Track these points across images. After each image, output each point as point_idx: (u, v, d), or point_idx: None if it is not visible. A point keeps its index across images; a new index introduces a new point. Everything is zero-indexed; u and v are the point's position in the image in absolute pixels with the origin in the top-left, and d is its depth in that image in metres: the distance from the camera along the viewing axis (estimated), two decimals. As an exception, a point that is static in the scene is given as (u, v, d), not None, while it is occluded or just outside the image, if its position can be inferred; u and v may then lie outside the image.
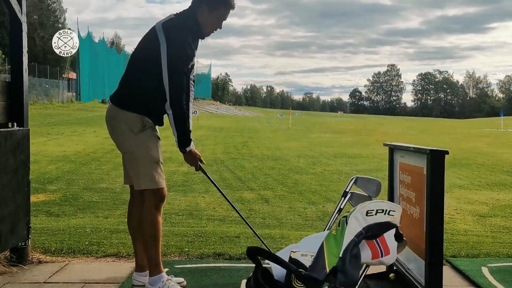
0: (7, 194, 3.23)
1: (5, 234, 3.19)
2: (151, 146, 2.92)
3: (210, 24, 2.98)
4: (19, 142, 3.36)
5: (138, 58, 2.97)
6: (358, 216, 1.29)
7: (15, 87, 3.44)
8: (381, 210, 1.30)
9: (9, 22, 3.47)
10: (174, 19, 2.92)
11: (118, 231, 4.98)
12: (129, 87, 2.96)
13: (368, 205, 1.31)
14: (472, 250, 4.35)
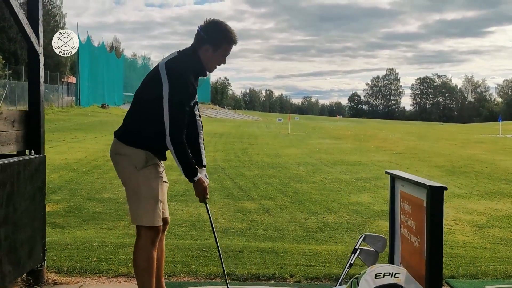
0: (25, 220, 3.34)
1: (23, 258, 3.30)
2: (153, 183, 2.97)
3: (214, 62, 3.04)
4: (36, 169, 3.47)
5: (142, 95, 3.04)
6: (368, 278, 1.42)
7: (33, 116, 3.56)
8: (388, 273, 1.42)
9: (27, 53, 3.57)
10: (177, 58, 2.97)
11: (124, 245, 5.06)
12: (133, 123, 3.02)
13: (377, 269, 1.43)
14: (471, 266, 4.43)
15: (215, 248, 4.98)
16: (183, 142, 2.89)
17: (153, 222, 2.94)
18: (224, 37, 2.99)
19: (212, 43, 2.96)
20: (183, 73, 2.89)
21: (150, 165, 2.97)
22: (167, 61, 2.96)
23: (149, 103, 2.95)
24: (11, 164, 3.13)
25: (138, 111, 3.04)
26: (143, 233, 2.96)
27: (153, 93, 2.90)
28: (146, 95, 3.00)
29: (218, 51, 3.00)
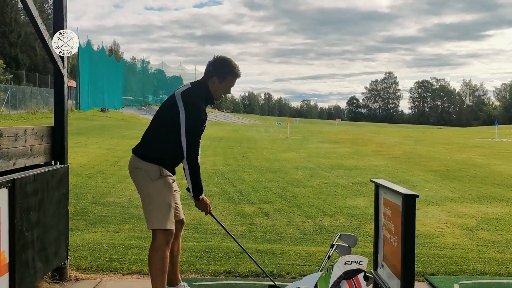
0: (53, 223, 3.80)
1: (51, 256, 3.75)
2: (165, 192, 3.41)
3: (221, 91, 3.54)
4: (61, 177, 3.93)
5: (160, 119, 3.51)
6: (339, 265, 1.84)
7: (58, 131, 4.03)
8: (355, 261, 1.84)
9: (53, 75, 4.01)
10: (190, 89, 3.46)
11: (132, 246, 5.41)
12: (151, 142, 3.49)
13: (346, 258, 1.85)
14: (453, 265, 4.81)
15: (217, 249, 5.36)
16: (197, 163, 3.39)
17: (166, 225, 3.38)
18: (229, 71, 3.50)
19: (218, 76, 3.46)
20: (196, 103, 3.37)
21: (163, 177, 3.41)
22: (182, 92, 3.44)
23: (166, 127, 3.43)
24: (42, 174, 3.58)
25: (155, 132, 3.51)
26: (158, 236, 3.39)
27: (170, 118, 3.38)
28: (163, 120, 3.49)
29: (224, 82, 3.50)
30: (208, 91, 3.50)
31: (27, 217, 3.28)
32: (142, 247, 5.37)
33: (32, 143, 3.68)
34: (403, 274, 2.88)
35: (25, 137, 3.57)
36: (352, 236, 2.01)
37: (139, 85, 65.41)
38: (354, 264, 1.90)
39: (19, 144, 3.48)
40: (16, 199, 3.09)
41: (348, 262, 1.90)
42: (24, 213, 3.23)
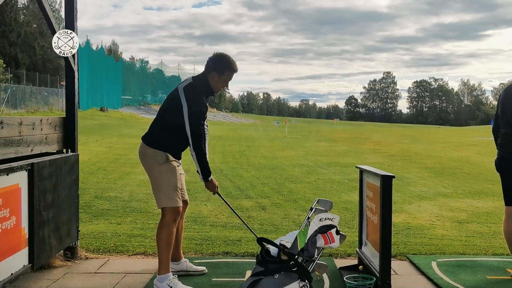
0: (65, 205, 4.14)
1: (64, 235, 4.10)
2: (171, 175, 3.77)
3: (220, 85, 3.88)
4: (72, 164, 4.28)
5: (166, 111, 3.86)
6: (315, 221, 2.16)
7: (69, 122, 4.38)
8: (328, 218, 2.17)
9: (65, 71, 4.35)
10: (192, 83, 3.80)
11: (134, 235, 5.70)
12: (157, 132, 3.86)
13: (321, 216, 2.18)
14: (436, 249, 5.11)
15: (216, 238, 5.64)
16: (202, 148, 3.73)
17: (173, 204, 3.73)
18: (227, 66, 3.82)
19: (218, 70, 3.80)
20: (197, 96, 3.72)
21: (168, 161, 3.77)
22: (184, 86, 3.79)
23: (170, 118, 3.79)
24: (56, 159, 3.93)
25: (161, 123, 3.88)
26: (167, 213, 3.74)
27: (174, 110, 3.73)
28: (168, 111, 3.84)
29: (222, 77, 3.83)
30: (208, 84, 3.84)
31: (43, 198, 3.60)
32: (145, 236, 5.65)
33: (47, 132, 4.01)
34: (381, 245, 3.23)
35: (41, 126, 3.90)
36: (328, 201, 2.33)
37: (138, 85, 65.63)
38: (327, 221, 2.22)
39: (36, 132, 3.81)
40: (35, 181, 3.42)
41: (322, 219, 2.22)
42: (41, 194, 3.55)
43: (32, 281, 3.87)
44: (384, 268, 3.27)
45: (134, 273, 4.15)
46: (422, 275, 4.15)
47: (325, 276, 3.97)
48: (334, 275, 4.01)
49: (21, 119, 3.66)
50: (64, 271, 4.17)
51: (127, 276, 4.06)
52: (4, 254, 3.14)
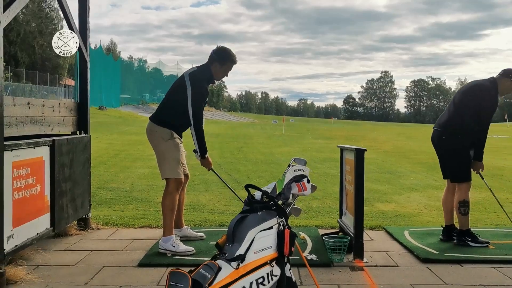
0: (79, 180, 4.67)
1: (78, 206, 4.63)
2: (174, 150, 4.29)
3: (221, 74, 4.40)
4: (85, 144, 4.82)
5: (172, 94, 4.38)
6: (290, 172, 2.65)
7: (83, 107, 4.91)
8: (301, 170, 2.66)
9: (78, 60, 4.84)
10: (196, 71, 4.32)
11: (137, 217, 6.14)
12: (163, 111, 4.37)
13: (294, 167, 2.68)
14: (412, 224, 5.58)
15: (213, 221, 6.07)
16: (201, 128, 4.26)
17: (176, 175, 4.24)
18: (228, 58, 4.35)
19: (219, 61, 4.33)
20: (200, 82, 4.24)
21: (173, 138, 4.29)
22: (190, 73, 4.31)
23: (176, 100, 4.29)
24: (72, 138, 4.48)
25: (168, 104, 4.39)
26: (170, 183, 4.25)
27: (180, 93, 4.23)
28: (174, 95, 4.35)
29: (223, 67, 4.36)
30: (211, 73, 4.37)
31: (62, 171, 4.10)
32: (147, 218, 6.10)
33: (64, 115, 4.52)
34: (355, 207, 3.77)
35: (59, 109, 4.40)
36: (302, 160, 2.79)
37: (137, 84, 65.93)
38: (300, 171, 2.67)
39: (55, 114, 4.31)
40: (55, 156, 3.93)
41: (296, 170, 2.69)
42: (60, 168, 4.06)
43: (52, 244, 4.40)
44: (357, 227, 3.79)
45: (141, 239, 4.67)
46: (394, 240, 4.69)
47: (309, 240, 4.53)
48: (316, 239, 4.57)
49: (43, 101, 4.17)
50: (79, 237, 4.70)
51: (134, 242, 4.58)
52: (32, 216, 3.65)
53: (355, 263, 3.93)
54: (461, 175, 4.55)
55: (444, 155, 4.71)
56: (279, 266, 2.42)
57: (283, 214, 2.51)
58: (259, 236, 2.41)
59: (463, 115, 4.51)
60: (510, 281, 3.61)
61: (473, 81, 4.80)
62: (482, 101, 4.45)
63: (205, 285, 2.27)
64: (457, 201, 4.53)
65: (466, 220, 4.52)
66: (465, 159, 4.53)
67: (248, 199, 2.59)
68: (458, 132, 4.49)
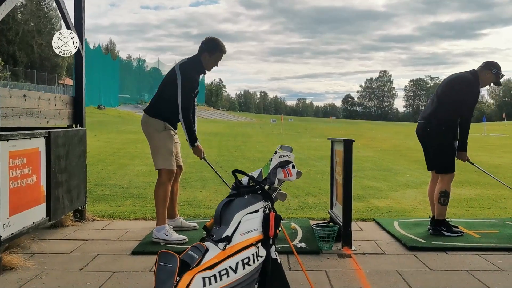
0: (75, 172, 4.77)
1: (74, 198, 4.74)
2: (168, 141, 4.38)
3: (210, 64, 4.48)
4: (81, 137, 4.93)
5: (164, 86, 4.47)
6: (276, 157, 2.75)
7: (78, 101, 5.00)
8: (286, 155, 2.75)
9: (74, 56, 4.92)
10: (187, 62, 4.41)
11: (134, 212, 6.24)
12: (157, 103, 4.45)
13: (280, 153, 2.77)
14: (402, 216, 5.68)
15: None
16: (189, 118, 4.33)
17: (168, 166, 4.34)
18: (217, 48, 4.43)
19: (209, 51, 4.41)
20: (190, 73, 4.32)
21: (166, 130, 4.38)
22: (180, 64, 4.41)
23: (168, 92, 4.37)
24: (68, 131, 4.57)
25: (161, 96, 4.47)
26: (163, 174, 4.35)
27: (171, 85, 4.32)
28: (166, 86, 4.43)
29: (212, 57, 4.44)
30: (201, 63, 4.46)
31: (58, 162, 4.20)
32: (144, 213, 6.20)
33: (60, 108, 4.61)
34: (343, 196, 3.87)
35: (55, 102, 4.50)
36: (288, 147, 2.88)
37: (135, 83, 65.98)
38: (285, 157, 2.77)
39: (51, 107, 4.41)
40: (51, 147, 4.03)
41: (281, 156, 2.77)
42: (56, 159, 4.15)
43: (48, 234, 4.50)
44: (346, 216, 3.90)
45: (135, 230, 4.77)
46: (384, 231, 4.80)
47: (299, 229, 4.64)
48: (307, 229, 4.69)
49: (39, 94, 4.27)
50: (75, 228, 4.80)
51: (129, 232, 4.69)
52: (28, 205, 3.74)
53: (343, 251, 4.03)
54: (446, 166, 4.67)
55: (428, 147, 4.82)
56: (264, 248, 2.52)
57: (269, 198, 2.61)
58: (245, 218, 2.51)
59: (446, 107, 4.62)
60: (492, 266, 3.71)
61: (455, 74, 4.90)
62: (464, 93, 4.56)
63: (192, 265, 2.36)
64: (439, 191, 4.65)
65: (444, 210, 4.65)
66: (449, 150, 4.64)
67: (235, 183, 2.68)
68: (442, 123, 4.60)
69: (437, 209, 4.65)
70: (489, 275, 3.51)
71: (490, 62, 4.73)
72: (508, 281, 3.39)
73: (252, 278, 2.47)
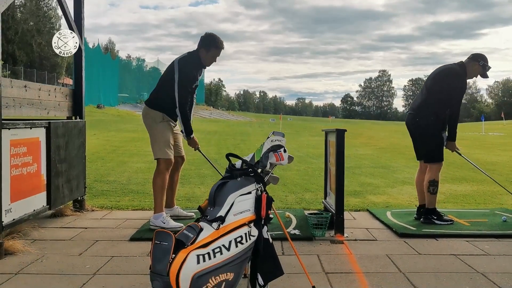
0: (75, 163, 4.88)
1: (74, 188, 4.85)
2: (166, 132, 4.49)
3: (208, 60, 4.58)
4: (80, 129, 5.04)
5: (163, 79, 4.60)
6: (268, 142, 2.84)
7: (78, 93, 5.11)
8: (278, 140, 2.84)
9: None
10: (186, 57, 4.53)
11: (133, 206, 6.34)
12: (156, 95, 4.59)
13: (272, 137, 2.86)
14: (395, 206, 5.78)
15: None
16: (185, 111, 4.45)
17: (166, 156, 4.45)
18: (213, 43, 4.54)
19: (205, 47, 4.53)
20: (187, 67, 4.45)
21: (165, 121, 4.49)
22: (179, 59, 4.52)
23: (166, 85, 4.49)
24: (67, 122, 4.68)
25: (160, 89, 4.60)
26: (161, 163, 4.46)
27: (169, 78, 4.45)
28: (165, 79, 4.56)
29: (209, 53, 4.55)
30: (199, 58, 4.57)
31: (58, 152, 4.31)
32: (142, 207, 6.29)
33: (60, 100, 4.72)
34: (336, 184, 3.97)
35: (55, 93, 4.60)
36: (281, 133, 2.97)
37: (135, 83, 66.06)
38: (277, 141, 2.86)
39: (51, 98, 4.51)
40: (51, 137, 4.13)
41: (273, 140, 2.87)
42: (56, 149, 4.26)
43: (48, 223, 4.61)
44: (338, 203, 4.01)
45: (134, 219, 4.89)
46: (376, 220, 4.91)
47: (294, 218, 4.76)
48: (301, 218, 4.81)
49: (39, 86, 4.37)
50: (74, 218, 4.92)
51: (128, 220, 4.80)
52: (29, 193, 3.86)
53: (335, 238, 4.14)
54: (434, 155, 4.78)
55: (417, 137, 4.93)
56: (256, 228, 2.62)
57: (261, 180, 2.71)
58: (238, 200, 2.61)
59: (435, 98, 4.74)
60: (479, 251, 3.83)
61: (443, 65, 5.02)
62: (452, 84, 4.68)
63: (187, 243, 2.46)
64: (428, 180, 4.76)
65: (434, 199, 4.76)
66: (437, 140, 4.76)
67: (229, 167, 2.78)
68: (430, 114, 4.71)
69: (427, 198, 4.76)
70: (476, 259, 3.62)
71: (477, 54, 4.86)
72: (494, 264, 3.50)
73: (245, 256, 2.58)
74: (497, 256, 3.71)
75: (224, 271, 2.51)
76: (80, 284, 3.02)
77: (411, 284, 3.08)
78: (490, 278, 3.19)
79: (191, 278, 2.41)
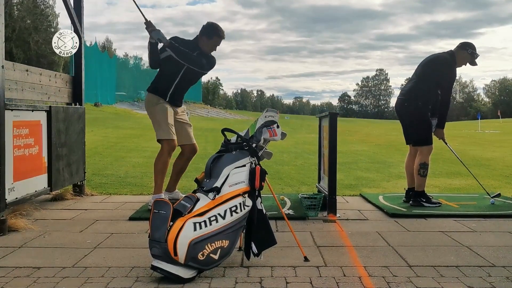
0: (75, 148, 5.01)
1: (73, 172, 4.99)
2: (162, 113, 4.58)
3: (208, 48, 4.70)
4: (80, 115, 5.16)
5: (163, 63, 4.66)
6: (262, 118, 2.96)
7: (77, 80, 5.21)
8: (271, 116, 2.97)
9: None
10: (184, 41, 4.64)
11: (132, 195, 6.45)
12: (155, 79, 4.74)
13: (265, 113, 2.98)
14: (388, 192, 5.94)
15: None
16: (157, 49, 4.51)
17: (167, 136, 4.54)
18: (215, 32, 4.67)
19: (207, 35, 4.66)
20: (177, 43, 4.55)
21: (161, 103, 4.61)
22: None
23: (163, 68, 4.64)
24: (67, 107, 4.80)
25: (158, 74, 4.74)
26: (164, 144, 4.56)
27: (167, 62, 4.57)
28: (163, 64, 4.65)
29: (210, 41, 4.68)
30: (197, 43, 4.67)
31: (58, 136, 4.42)
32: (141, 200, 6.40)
33: (60, 86, 4.83)
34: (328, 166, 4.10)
35: (55, 79, 4.71)
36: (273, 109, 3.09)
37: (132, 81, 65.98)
38: (270, 117, 2.98)
39: (52, 84, 4.62)
40: (52, 121, 4.24)
41: (267, 116, 2.99)
42: (56, 133, 4.38)
43: (49, 205, 4.74)
44: (331, 184, 4.13)
45: (132, 202, 5.03)
46: (368, 203, 5.06)
47: (288, 200, 4.89)
48: (295, 200, 4.97)
49: (41, 70, 4.49)
50: (75, 201, 5.05)
51: (126, 203, 4.94)
52: (30, 173, 3.98)
53: (328, 217, 4.29)
54: (423, 139, 4.91)
55: (406, 120, 5.06)
56: (250, 198, 2.75)
57: (255, 154, 2.84)
58: (234, 172, 2.74)
59: (424, 85, 4.88)
60: (466, 228, 3.98)
61: (434, 54, 5.18)
62: (442, 72, 4.83)
63: (184, 212, 2.59)
64: (418, 163, 4.89)
65: (423, 181, 4.90)
66: (426, 124, 4.89)
67: (225, 141, 2.91)
68: (419, 99, 4.85)
69: (417, 181, 4.90)
70: (462, 234, 3.77)
71: (466, 42, 5.02)
72: (479, 239, 3.64)
73: (239, 225, 2.71)
74: (483, 232, 3.87)
75: (220, 238, 2.64)
76: (82, 255, 3.14)
77: (399, 255, 3.21)
78: (475, 250, 3.34)
79: (188, 244, 2.54)
